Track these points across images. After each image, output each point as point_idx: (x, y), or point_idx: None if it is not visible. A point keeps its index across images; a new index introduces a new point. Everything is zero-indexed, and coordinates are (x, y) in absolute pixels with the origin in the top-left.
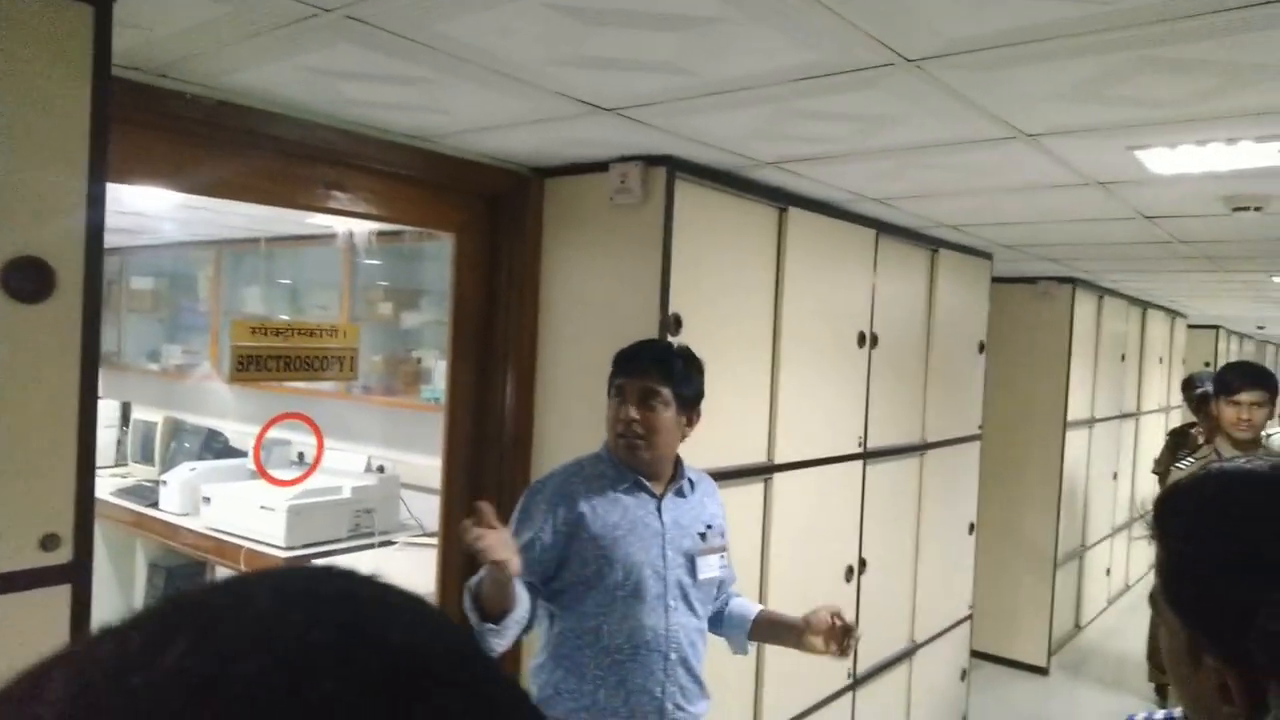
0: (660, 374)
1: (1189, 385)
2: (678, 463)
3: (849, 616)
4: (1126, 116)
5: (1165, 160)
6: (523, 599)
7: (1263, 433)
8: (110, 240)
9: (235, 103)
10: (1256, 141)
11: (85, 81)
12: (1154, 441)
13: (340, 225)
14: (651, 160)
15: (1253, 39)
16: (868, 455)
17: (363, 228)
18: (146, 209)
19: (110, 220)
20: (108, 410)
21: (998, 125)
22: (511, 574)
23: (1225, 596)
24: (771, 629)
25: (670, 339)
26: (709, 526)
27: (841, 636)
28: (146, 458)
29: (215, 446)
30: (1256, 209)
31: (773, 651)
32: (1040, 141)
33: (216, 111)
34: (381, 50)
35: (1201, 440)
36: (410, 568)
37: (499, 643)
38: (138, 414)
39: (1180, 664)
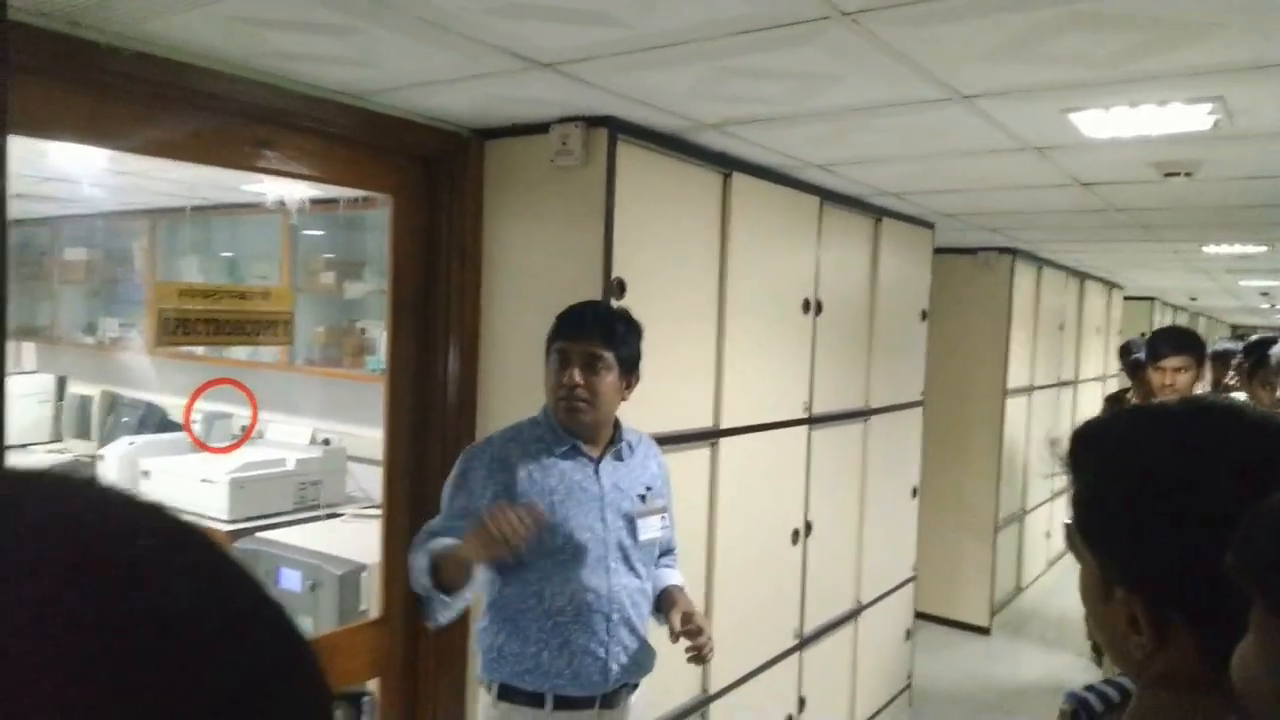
0: (603, 337)
1: (1125, 351)
2: (616, 425)
3: (704, 624)
4: (1059, 76)
5: (1098, 124)
6: (475, 576)
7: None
8: (40, 209)
9: (155, 54)
10: (1186, 103)
11: None
12: (1091, 408)
13: (272, 192)
14: (593, 121)
15: None
16: (813, 421)
17: (295, 194)
18: (71, 171)
19: (37, 187)
20: (42, 384)
21: (934, 86)
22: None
23: (1133, 528)
24: (662, 608)
25: (614, 304)
26: (649, 488)
27: (691, 637)
28: (83, 432)
29: (155, 421)
30: (1187, 174)
31: (720, 612)
32: (976, 104)
33: (136, 63)
34: None
35: (1136, 404)
36: (357, 539)
37: (445, 615)
38: (74, 388)
39: (1094, 598)
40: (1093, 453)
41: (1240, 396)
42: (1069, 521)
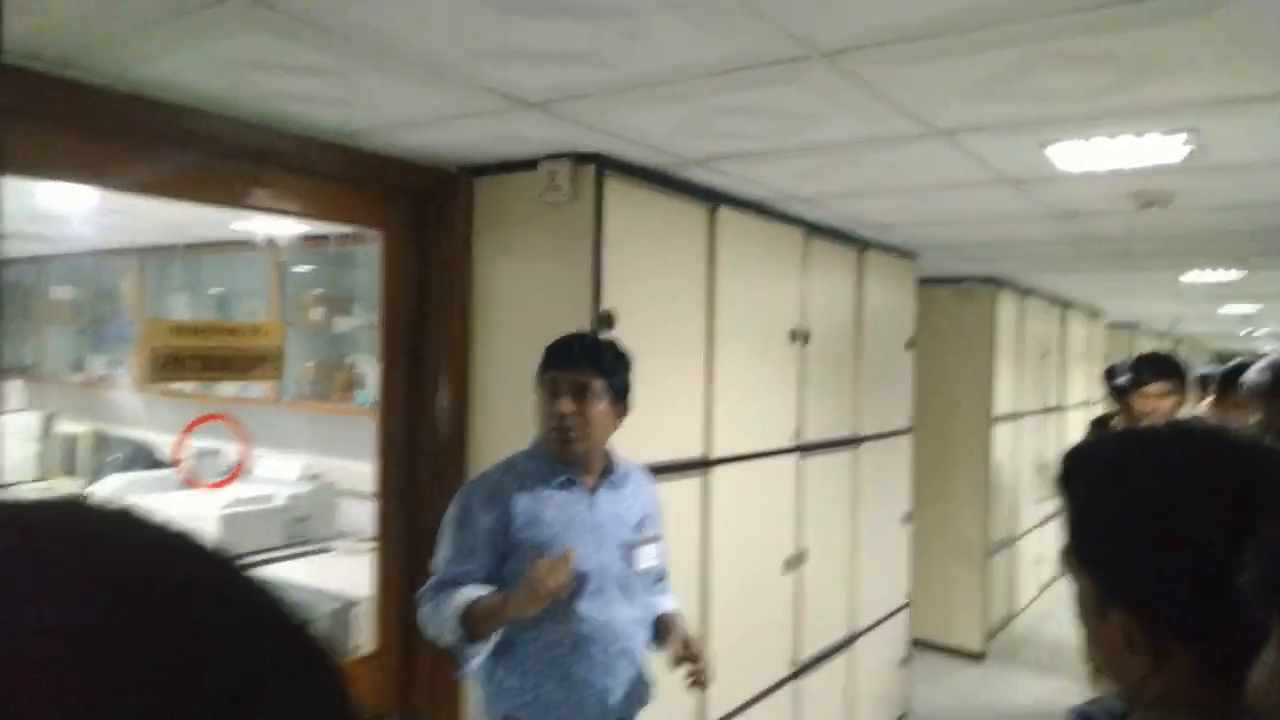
0: (592, 366)
1: (1110, 375)
2: (609, 455)
3: (701, 650)
4: (1036, 112)
5: (1074, 157)
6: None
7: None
8: (27, 249)
9: (146, 95)
10: (1162, 134)
11: None
12: (1077, 433)
13: (262, 230)
14: (581, 158)
15: (1149, 33)
16: (803, 449)
17: (287, 231)
18: (59, 210)
19: (23, 226)
20: (29, 423)
21: (913, 122)
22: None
23: (1126, 548)
24: (659, 635)
25: (602, 336)
26: (645, 516)
27: (690, 662)
28: (69, 470)
29: (144, 458)
30: (1162, 205)
31: (715, 641)
32: (955, 138)
33: (126, 105)
34: (293, 39)
35: (1121, 428)
36: (348, 574)
37: (477, 660)
38: (61, 426)
39: (1090, 619)
40: (1082, 476)
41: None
42: (1063, 548)
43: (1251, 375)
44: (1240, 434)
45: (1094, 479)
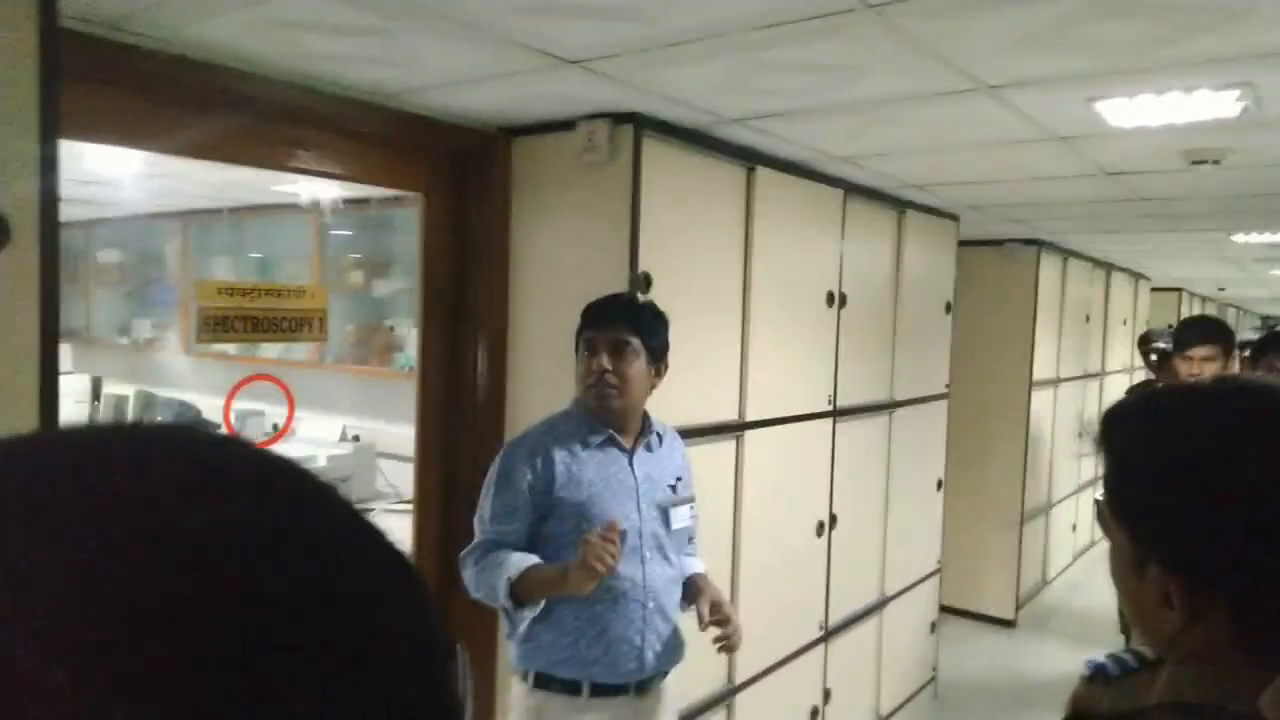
0: (629, 324)
1: (1144, 341)
2: (645, 416)
3: (732, 613)
4: (1085, 65)
5: (1124, 112)
6: None
7: None
8: (74, 213)
9: (194, 58)
10: (1213, 90)
11: (32, 31)
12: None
13: (305, 192)
14: (619, 118)
15: None
16: (837, 413)
17: (328, 194)
18: (107, 174)
19: (72, 190)
20: (78, 385)
21: (959, 76)
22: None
23: (1166, 503)
24: (688, 597)
25: (640, 297)
26: (679, 479)
27: (720, 625)
28: None
29: (189, 418)
30: (1215, 162)
31: (745, 604)
32: (1001, 94)
33: (175, 67)
34: None
35: None
36: (388, 534)
37: (524, 624)
38: (109, 389)
39: (1126, 576)
40: (1124, 430)
41: None
42: (1099, 499)
43: None
44: None
45: (1137, 433)
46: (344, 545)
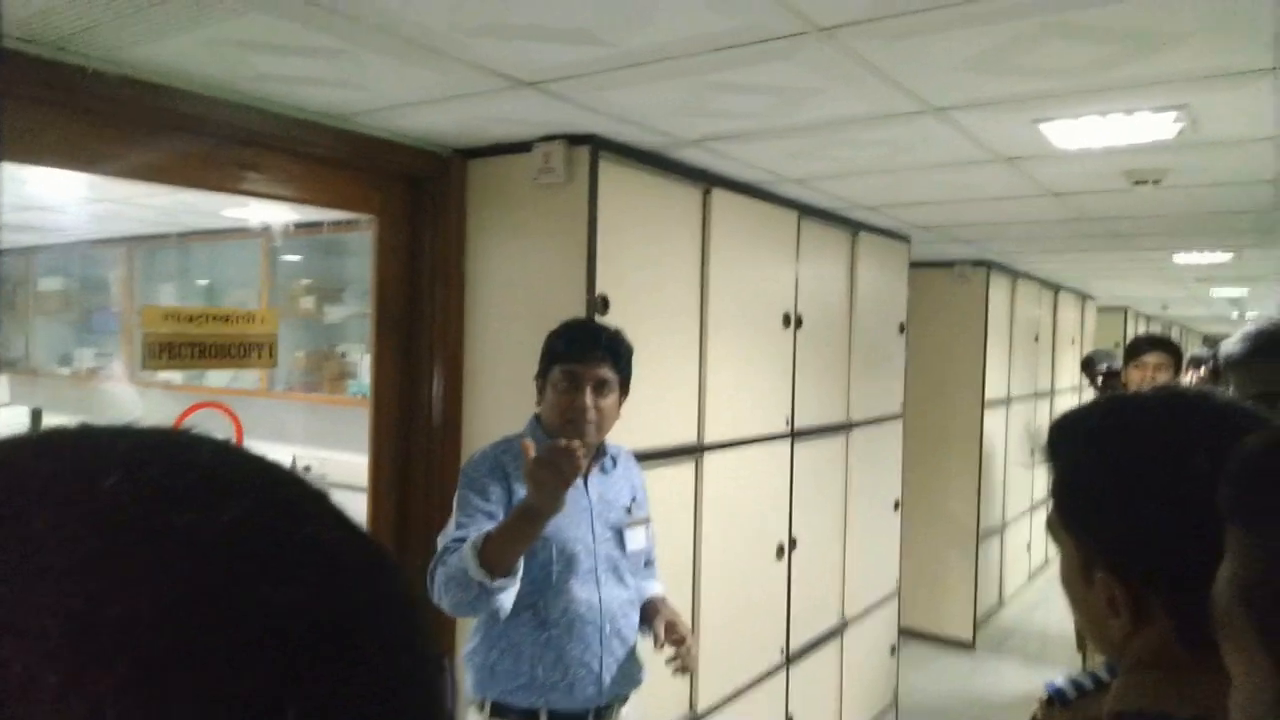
0: (613, 360)
1: (1089, 363)
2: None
3: (687, 633)
4: (1030, 88)
5: (1068, 134)
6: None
7: None
8: (15, 240)
9: (141, 79)
10: (1153, 112)
11: None
12: None
13: (255, 216)
14: (575, 139)
15: (1143, 6)
16: (795, 434)
17: (279, 218)
18: (50, 199)
19: (13, 216)
20: (15, 417)
21: (908, 98)
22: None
23: (1108, 506)
24: (646, 619)
25: (598, 320)
26: (633, 500)
27: (675, 645)
28: None
29: None
30: (1155, 182)
31: (707, 629)
32: (949, 115)
33: (121, 88)
34: (289, 17)
35: None
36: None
37: (507, 599)
38: (50, 419)
39: (1075, 584)
40: (1071, 438)
41: None
42: (1049, 514)
43: (1228, 345)
44: (1222, 395)
45: (1080, 443)
46: (338, 553)
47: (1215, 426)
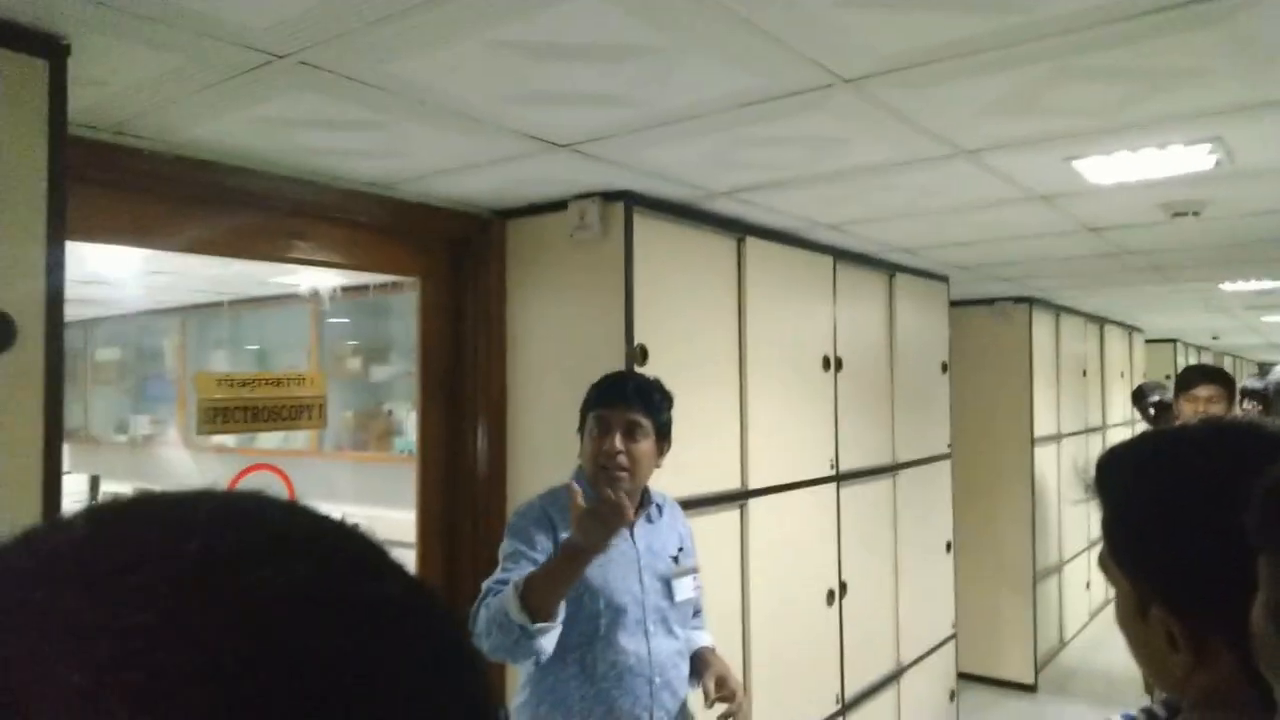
0: (643, 405)
1: (1139, 395)
2: (645, 488)
3: (738, 687)
4: (1058, 126)
5: (1102, 170)
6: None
7: None
8: (74, 312)
9: (193, 157)
10: (1186, 145)
11: (42, 139)
12: None
13: (304, 283)
14: (609, 196)
15: (1162, 44)
16: (840, 477)
17: (327, 283)
18: (108, 273)
19: (72, 290)
20: (76, 484)
21: (937, 143)
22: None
23: (1162, 544)
24: (695, 671)
25: (638, 370)
26: (680, 549)
27: (726, 701)
28: None
29: None
30: (1194, 214)
31: (757, 678)
32: (980, 157)
33: (175, 166)
34: (336, 95)
35: None
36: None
37: (548, 644)
38: (107, 486)
39: (1131, 622)
40: (1117, 476)
41: None
42: (1101, 552)
43: (1277, 373)
44: (1271, 425)
45: (1129, 477)
46: (400, 614)
47: (1264, 455)
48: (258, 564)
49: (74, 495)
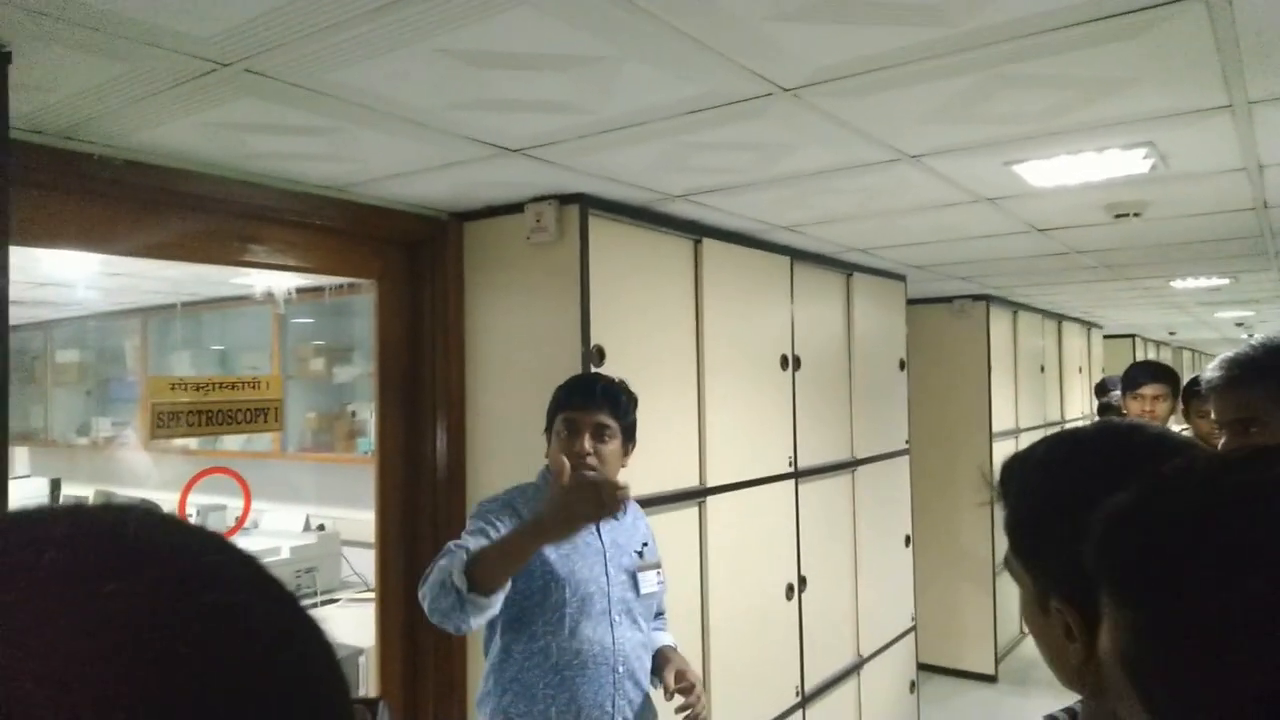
0: (610, 408)
1: (1101, 390)
2: None
3: (697, 682)
4: (997, 133)
5: (1042, 173)
6: (506, 585)
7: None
8: (33, 314)
9: (144, 162)
10: (1122, 149)
11: None
12: None
13: (259, 283)
14: (565, 199)
15: (1090, 54)
16: (799, 474)
17: (283, 284)
18: (64, 276)
19: (29, 292)
20: (36, 488)
21: (881, 149)
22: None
23: (1056, 537)
24: (655, 668)
25: (594, 371)
26: (645, 544)
27: (685, 694)
28: None
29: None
30: (1136, 215)
31: (718, 673)
32: (923, 162)
33: (125, 171)
34: (282, 102)
35: None
36: (353, 624)
37: (476, 620)
38: (68, 490)
39: (1034, 617)
40: (1017, 476)
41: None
42: (1006, 553)
43: (1207, 373)
44: (1158, 428)
45: (1026, 476)
46: (244, 616)
47: (1149, 454)
48: (106, 574)
49: (34, 499)
